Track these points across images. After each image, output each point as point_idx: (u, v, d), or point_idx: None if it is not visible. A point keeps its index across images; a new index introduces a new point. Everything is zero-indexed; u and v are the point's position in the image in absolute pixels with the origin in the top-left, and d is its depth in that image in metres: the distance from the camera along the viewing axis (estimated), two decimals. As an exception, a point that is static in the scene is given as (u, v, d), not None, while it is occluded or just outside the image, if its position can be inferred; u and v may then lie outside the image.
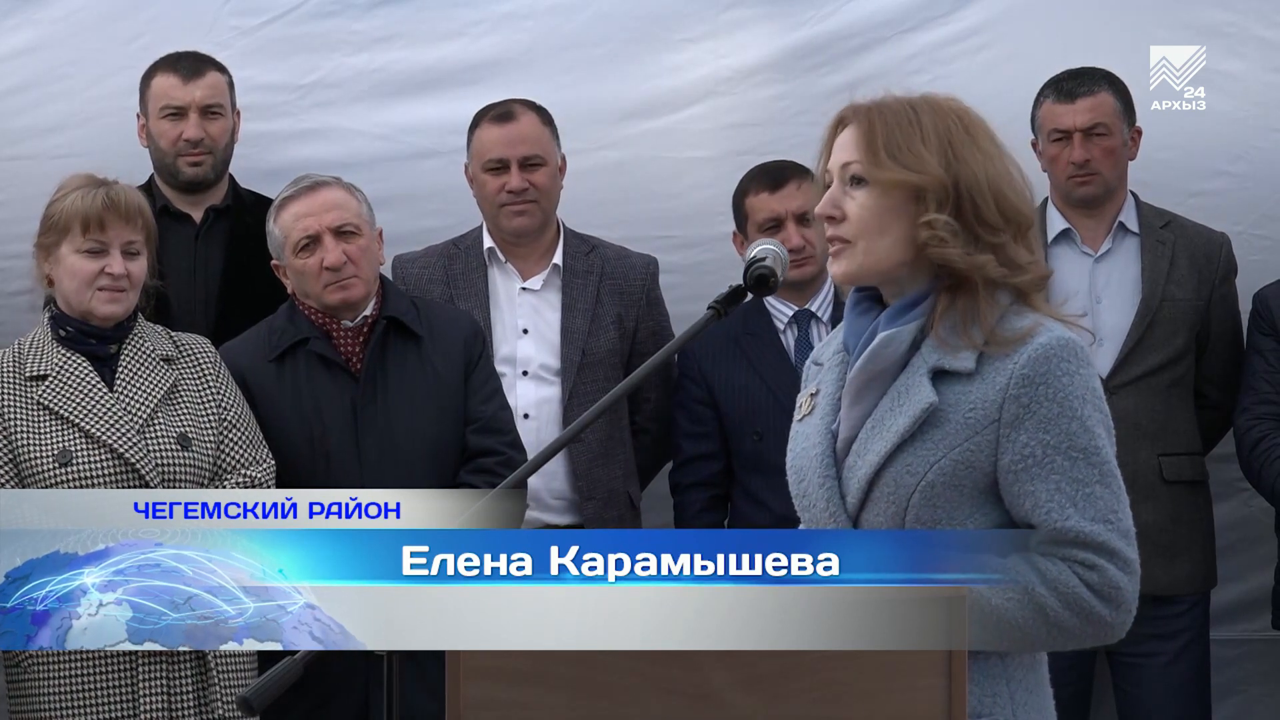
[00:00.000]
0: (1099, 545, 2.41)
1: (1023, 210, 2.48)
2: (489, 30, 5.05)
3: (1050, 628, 2.41)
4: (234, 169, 4.72)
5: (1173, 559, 4.51)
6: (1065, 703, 4.51)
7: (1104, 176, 4.56)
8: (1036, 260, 2.49)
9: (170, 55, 4.67)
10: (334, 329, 4.18)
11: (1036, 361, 2.41)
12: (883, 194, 2.47)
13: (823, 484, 2.53)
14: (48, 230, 3.94)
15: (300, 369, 4.16)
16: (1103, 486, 2.43)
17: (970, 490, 2.44)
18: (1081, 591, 2.41)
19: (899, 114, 2.49)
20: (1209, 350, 4.62)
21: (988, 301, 2.46)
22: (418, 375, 4.17)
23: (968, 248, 2.45)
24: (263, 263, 4.30)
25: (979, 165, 2.46)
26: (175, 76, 4.61)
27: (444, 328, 4.24)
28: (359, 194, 4.22)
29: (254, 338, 4.24)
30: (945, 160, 2.46)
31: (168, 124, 4.60)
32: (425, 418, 4.15)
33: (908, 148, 2.46)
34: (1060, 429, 2.41)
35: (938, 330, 2.46)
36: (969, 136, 2.48)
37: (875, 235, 2.48)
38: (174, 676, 3.86)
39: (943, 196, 2.45)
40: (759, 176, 4.52)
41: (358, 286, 4.14)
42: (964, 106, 2.53)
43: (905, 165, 2.46)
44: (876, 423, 2.49)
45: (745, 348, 4.50)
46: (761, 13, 5.03)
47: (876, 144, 2.48)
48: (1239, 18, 4.94)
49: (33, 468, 3.84)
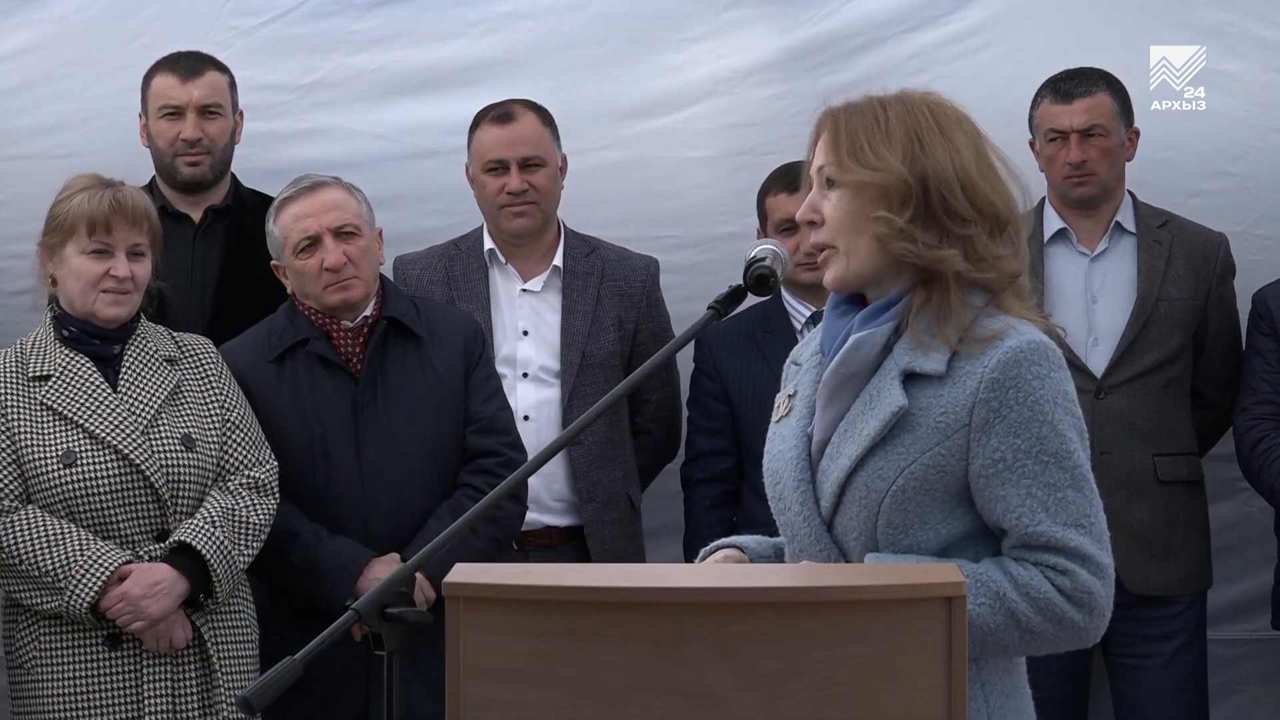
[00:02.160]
0: (1071, 550, 2.40)
1: (996, 203, 2.47)
2: (489, 30, 5.05)
3: (1022, 633, 2.41)
4: (234, 169, 4.72)
5: (1168, 560, 4.51)
6: (1061, 703, 4.56)
7: (1100, 177, 4.56)
8: (1008, 256, 2.47)
9: (171, 55, 4.67)
10: (334, 329, 4.18)
11: (1006, 365, 2.41)
12: (853, 195, 2.48)
13: (797, 488, 2.53)
14: (53, 230, 3.93)
15: (300, 370, 4.16)
16: (1075, 490, 2.42)
17: (942, 494, 2.44)
18: (1053, 596, 2.40)
19: (865, 114, 2.50)
20: (1207, 350, 4.62)
21: (961, 300, 2.45)
22: (418, 376, 4.17)
23: (933, 241, 2.44)
24: (261, 263, 4.29)
25: (946, 158, 2.46)
26: (174, 76, 4.60)
27: (444, 328, 4.24)
28: (359, 194, 4.22)
29: (253, 338, 4.24)
30: (909, 156, 2.46)
31: (166, 124, 4.60)
32: (425, 418, 4.15)
33: (870, 148, 2.47)
34: (1031, 433, 2.40)
35: (912, 328, 2.46)
36: (939, 130, 2.48)
37: (852, 236, 2.49)
38: (179, 677, 3.86)
39: (906, 193, 2.45)
40: (780, 177, 4.53)
41: (358, 287, 4.14)
42: (939, 100, 2.52)
43: (867, 165, 2.46)
44: (849, 426, 2.49)
45: (761, 345, 4.51)
46: (761, 13, 5.03)
47: (840, 145, 2.49)
48: (1239, 18, 4.95)
49: (37, 469, 3.83)
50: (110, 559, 3.78)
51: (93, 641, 3.84)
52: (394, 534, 4.09)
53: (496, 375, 4.32)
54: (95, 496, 3.82)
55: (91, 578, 3.76)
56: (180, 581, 3.83)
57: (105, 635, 3.84)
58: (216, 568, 3.84)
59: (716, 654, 2.03)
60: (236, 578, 3.92)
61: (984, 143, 2.51)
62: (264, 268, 4.27)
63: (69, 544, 3.78)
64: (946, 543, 2.44)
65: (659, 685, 2.03)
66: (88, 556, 3.77)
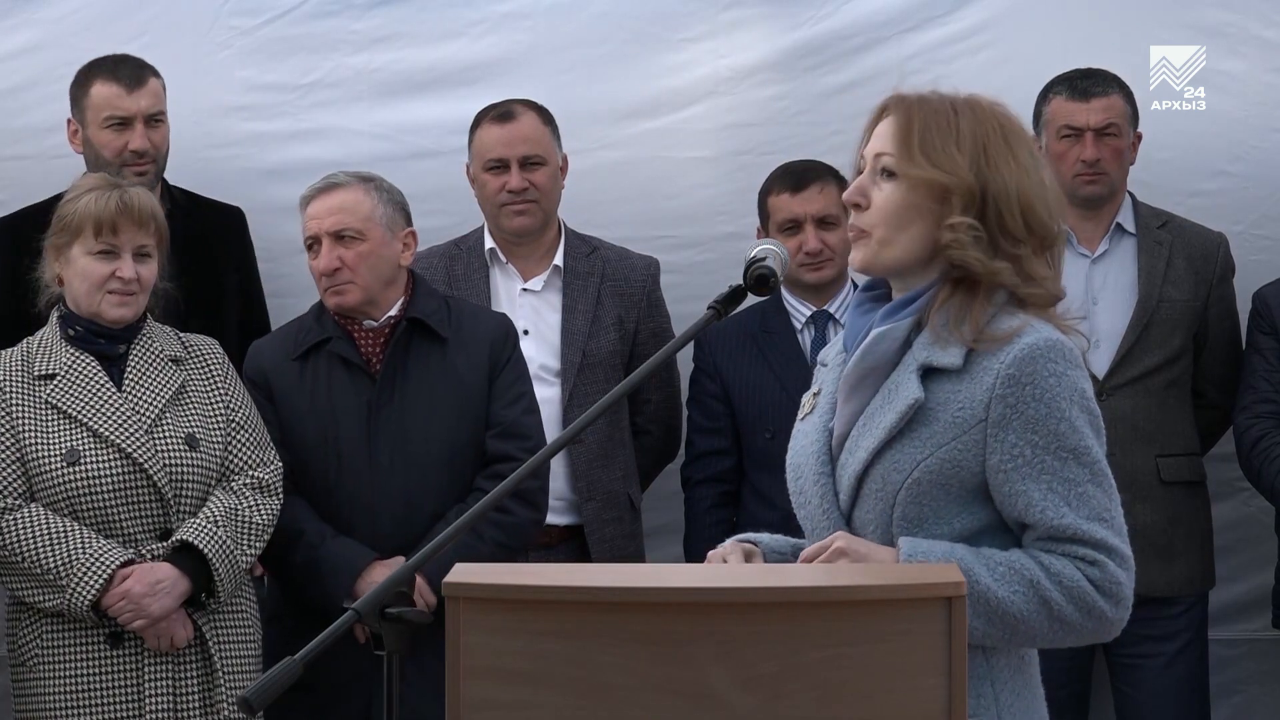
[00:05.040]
0: (1098, 542, 2.42)
1: (1049, 225, 2.48)
2: (489, 30, 5.05)
3: (1053, 621, 2.42)
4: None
5: (1170, 560, 4.51)
6: (1064, 704, 4.55)
7: (1110, 177, 4.56)
8: (1052, 276, 2.50)
9: (107, 60, 4.58)
10: (355, 330, 4.16)
11: (1022, 361, 2.42)
12: (910, 189, 2.48)
13: (818, 481, 2.54)
14: (60, 230, 3.93)
15: (321, 369, 4.14)
16: (1095, 486, 2.44)
17: (958, 490, 2.44)
18: (1085, 586, 2.41)
19: (938, 112, 2.49)
20: (1207, 350, 4.62)
21: (983, 300, 2.46)
22: (438, 378, 4.13)
23: (987, 254, 2.45)
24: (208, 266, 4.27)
25: (1011, 175, 2.46)
26: (118, 85, 4.51)
27: (472, 329, 4.18)
28: (380, 194, 4.17)
29: (282, 335, 4.25)
30: (977, 165, 2.46)
31: (111, 134, 4.49)
32: (442, 421, 4.10)
33: (941, 147, 2.47)
34: (1048, 429, 2.41)
35: (932, 323, 2.47)
36: (1006, 145, 2.48)
37: (895, 229, 2.49)
38: (180, 676, 3.87)
39: (969, 200, 2.45)
40: (782, 176, 4.52)
41: (352, 293, 4.11)
42: (1008, 113, 2.53)
43: (935, 164, 2.46)
44: (868, 419, 2.50)
45: (762, 345, 4.51)
46: (761, 13, 5.03)
47: (911, 139, 2.48)
48: (1239, 18, 4.94)
49: (41, 467, 3.84)
50: (112, 557, 3.79)
51: (94, 640, 3.84)
52: (403, 537, 4.05)
53: (526, 379, 4.24)
54: (98, 495, 3.82)
55: (93, 576, 3.76)
56: (182, 580, 3.83)
57: (107, 634, 3.84)
58: (218, 567, 3.84)
59: (716, 654, 2.03)
60: (239, 577, 3.92)
61: (1041, 163, 2.52)
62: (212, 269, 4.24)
63: (71, 542, 3.78)
64: (961, 537, 2.45)
65: (659, 685, 2.03)
66: (89, 554, 3.77)
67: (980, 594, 2.36)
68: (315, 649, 2.28)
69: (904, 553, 2.41)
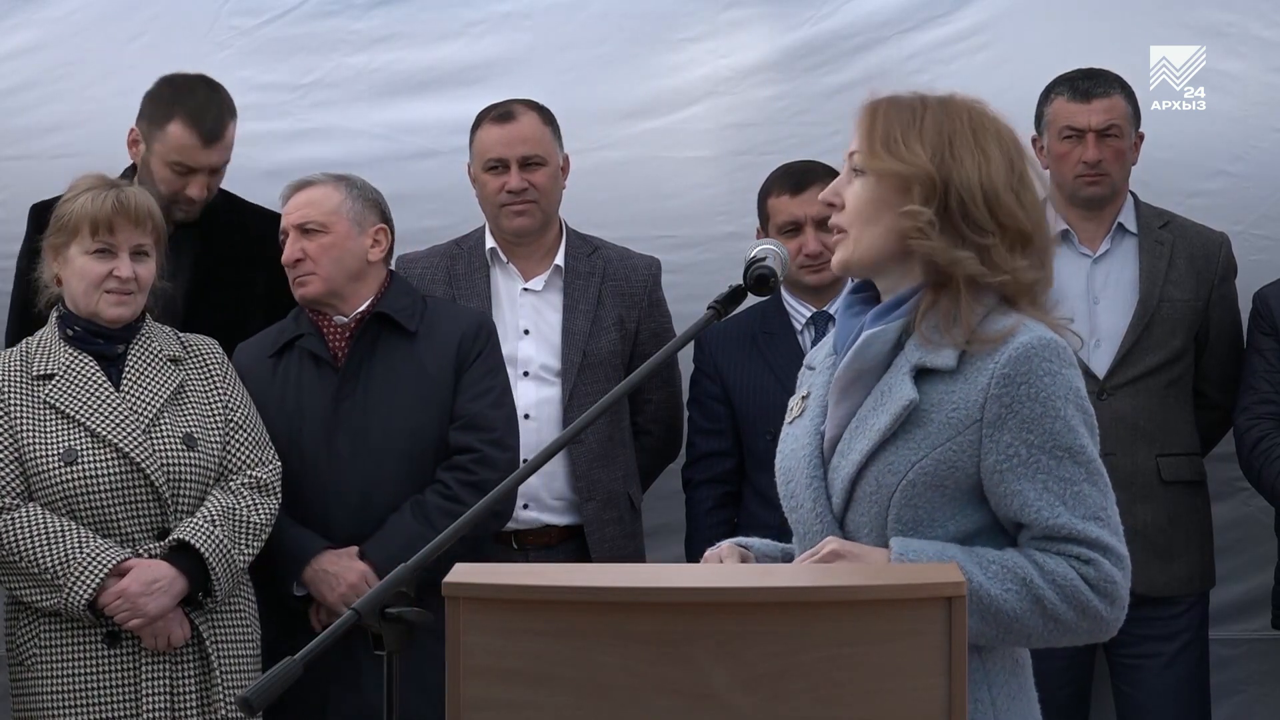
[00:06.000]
0: (1093, 541, 2.42)
1: (1021, 219, 2.47)
2: (489, 30, 5.05)
3: (1047, 621, 2.41)
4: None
5: (1171, 560, 4.51)
6: (1064, 704, 4.56)
7: (1112, 178, 4.56)
8: (1026, 267, 2.48)
9: (194, 95, 4.43)
10: (326, 325, 4.20)
11: (1017, 361, 2.42)
12: (876, 183, 2.50)
13: (810, 485, 2.53)
14: (57, 230, 3.94)
15: (293, 364, 4.20)
16: (1090, 485, 2.43)
17: (953, 491, 2.44)
18: (1080, 585, 2.41)
19: (905, 108, 2.51)
20: (1208, 350, 4.62)
21: (971, 301, 2.46)
22: (403, 371, 4.16)
23: (949, 243, 2.46)
24: (231, 264, 4.30)
25: (974, 166, 2.47)
26: (196, 137, 4.39)
27: (443, 325, 4.22)
28: (349, 189, 4.21)
29: (263, 335, 4.28)
30: (939, 156, 2.47)
31: (174, 176, 4.40)
32: (405, 415, 4.14)
33: (902, 139, 2.49)
34: (1044, 429, 2.41)
35: (920, 327, 2.47)
36: (972, 137, 2.49)
37: (866, 224, 2.51)
38: (177, 675, 3.87)
39: (929, 190, 2.46)
40: (782, 178, 4.52)
41: (313, 284, 4.16)
42: (982, 110, 2.53)
43: (895, 155, 2.48)
44: (860, 421, 2.49)
45: (762, 346, 4.51)
46: (761, 13, 5.03)
47: (874, 135, 2.51)
48: (1239, 18, 4.94)
49: (38, 466, 3.84)
50: (108, 556, 3.79)
51: (92, 639, 3.84)
52: (356, 528, 4.11)
53: (499, 373, 4.27)
54: (96, 494, 3.82)
55: (89, 575, 3.76)
56: (179, 580, 3.83)
57: (104, 633, 3.84)
58: (215, 566, 3.85)
59: (716, 654, 2.03)
60: (236, 577, 3.92)
61: (1023, 160, 2.52)
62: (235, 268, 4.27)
63: (68, 541, 3.78)
64: (956, 540, 2.44)
65: (659, 685, 2.03)
66: (86, 554, 3.78)
67: (973, 591, 2.36)
68: (315, 649, 2.28)
69: (895, 552, 2.40)
